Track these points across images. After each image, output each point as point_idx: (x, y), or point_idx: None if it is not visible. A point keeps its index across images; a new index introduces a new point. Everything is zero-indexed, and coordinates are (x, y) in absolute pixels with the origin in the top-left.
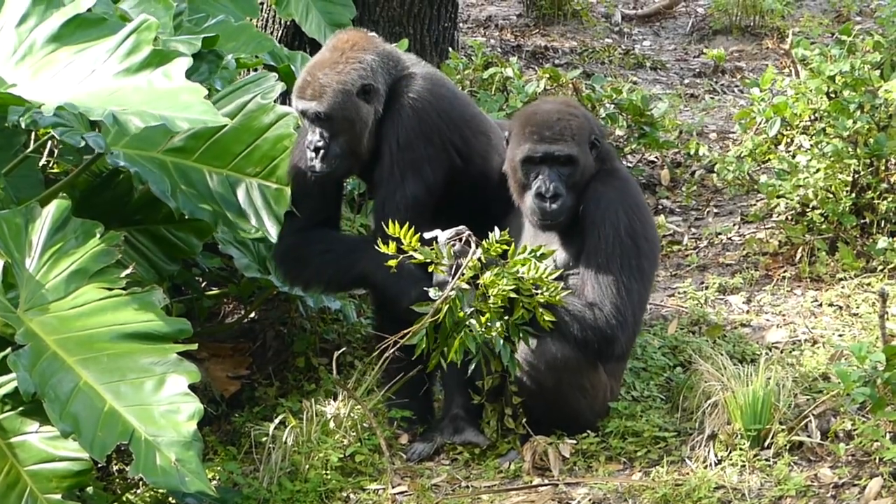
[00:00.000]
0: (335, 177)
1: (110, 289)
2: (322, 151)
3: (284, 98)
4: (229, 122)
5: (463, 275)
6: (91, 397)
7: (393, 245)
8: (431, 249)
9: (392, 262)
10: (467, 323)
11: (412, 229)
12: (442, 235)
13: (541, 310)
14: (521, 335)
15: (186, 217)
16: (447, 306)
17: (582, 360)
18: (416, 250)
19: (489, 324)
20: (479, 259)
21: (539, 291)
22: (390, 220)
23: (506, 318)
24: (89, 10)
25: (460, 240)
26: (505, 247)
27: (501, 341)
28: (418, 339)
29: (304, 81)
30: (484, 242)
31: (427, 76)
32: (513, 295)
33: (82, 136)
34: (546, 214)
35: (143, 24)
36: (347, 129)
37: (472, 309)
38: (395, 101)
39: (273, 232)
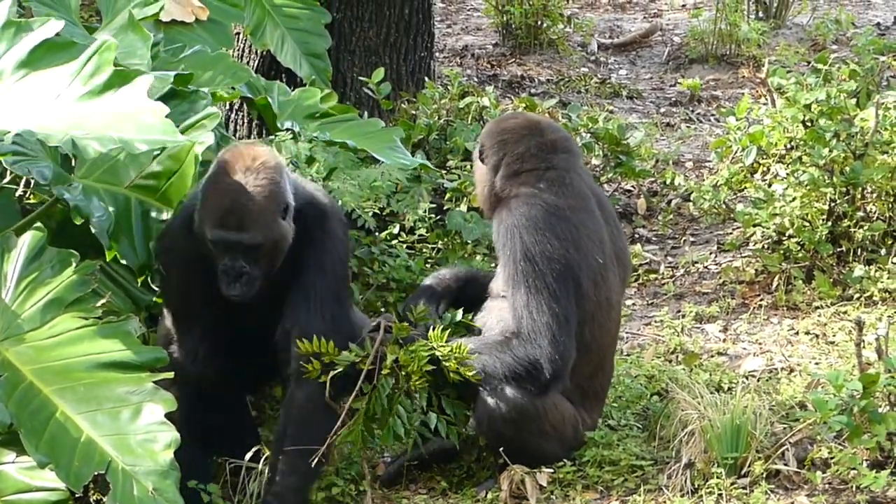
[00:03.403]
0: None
1: (86, 318)
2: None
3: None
4: (188, 140)
5: (383, 361)
6: (68, 427)
7: (316, 363)
8: (354, 348)
9: (315, 375)
10: (395, 408)
11: (330, 342)
12: (364, 331)
13: (461, 368)
14: (454, 409)
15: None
16: (374, 397)
17: (539, 405)
18: (337, 358)
19: (416, 404)
20: (398, 342)
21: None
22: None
23: (439, 392)
24: (58, 34)
25: (378, 329)
26: (426, 320)
27: (434, 417)
28: (354, 438)
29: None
30: (394, 326)
31: None
32: (430, 367)
33: (28, 167)
34: None
35: (104, 46)
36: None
37: (398, 393)
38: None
39: None
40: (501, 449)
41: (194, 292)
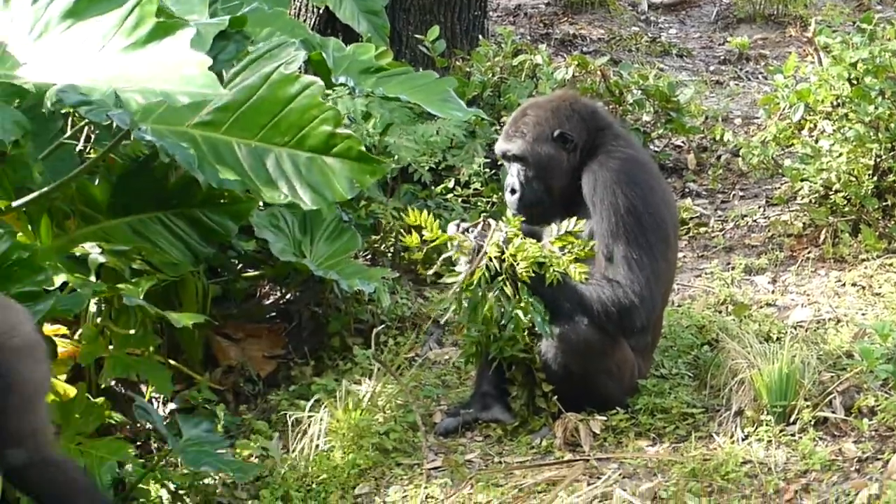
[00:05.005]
0: None
1: None
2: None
3: (307, 67)
4: (230, 95)
5: (486, 254)
6: None
7: (416, 236)
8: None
9: (416, 254)
10: (500, 286)
11: (429, 216)
12: (463, 225)
13: (571, 267)
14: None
15: (214, 188)
16: (480, 272)
17: (607, 343)
18: (436, 238)
19: (518, 294)
20: (504, 234)
21: (565, 252)
22: None
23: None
24: None
25: (477, 226)
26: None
27: (533, 306)
28: (447, 304)
29: None
30: (503, 218)
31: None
32: (542, 259)
33: (107, 112)
34: (510, 206)
35: None
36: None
37: (504, 274)
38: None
39: (307, 199)
40: (562, 392)
41: None
